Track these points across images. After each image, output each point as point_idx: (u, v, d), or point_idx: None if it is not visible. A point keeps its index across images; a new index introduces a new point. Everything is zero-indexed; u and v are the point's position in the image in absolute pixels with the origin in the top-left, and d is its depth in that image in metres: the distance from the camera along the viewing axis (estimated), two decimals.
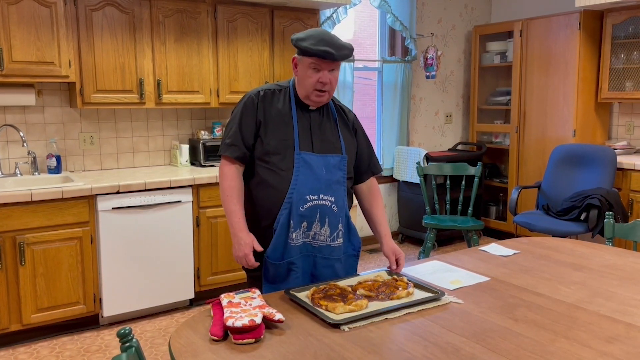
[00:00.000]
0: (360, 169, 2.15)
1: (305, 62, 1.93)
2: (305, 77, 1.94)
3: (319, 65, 1.91)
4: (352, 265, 2.10)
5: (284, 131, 1.96)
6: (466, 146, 5.76)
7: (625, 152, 4.57)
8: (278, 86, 2.06)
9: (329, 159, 1.98)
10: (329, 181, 1.97)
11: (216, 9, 3.88)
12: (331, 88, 1.96)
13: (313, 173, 1.94)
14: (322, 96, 1.96)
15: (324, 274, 2.00)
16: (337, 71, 1.97)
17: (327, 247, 1.99)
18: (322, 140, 2.01)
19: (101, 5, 3.47)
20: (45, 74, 3.33)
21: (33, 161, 3.59)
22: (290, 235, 1.93)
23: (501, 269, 2.07)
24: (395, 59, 5.19)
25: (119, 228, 3.36)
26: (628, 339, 1.48)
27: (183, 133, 4.20)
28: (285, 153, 1.94)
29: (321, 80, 1.92)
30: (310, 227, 1.95)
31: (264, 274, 1.97)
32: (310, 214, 1.93)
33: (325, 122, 2.04)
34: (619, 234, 2.58)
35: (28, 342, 3.24)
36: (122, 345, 1.22)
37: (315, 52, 1.87)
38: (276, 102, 2.01)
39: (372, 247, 5.28)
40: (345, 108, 2.15)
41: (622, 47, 4.53)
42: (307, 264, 1.99)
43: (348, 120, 2.12)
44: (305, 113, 2.02)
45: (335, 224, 1.98)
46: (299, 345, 1.44)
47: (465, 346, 1.43)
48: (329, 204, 1.96)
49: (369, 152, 2.18)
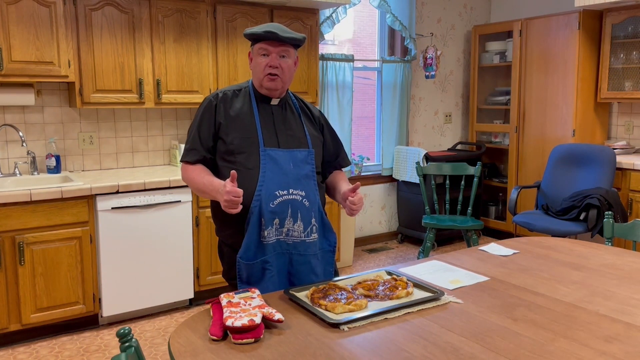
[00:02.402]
0: (328, 164, 2.17)
1: (255, 51, 1.98)
2: (256, 65, 1.98)
3: (267, 50, 1.94)
4: (329, 261, 2.07)
5: (247, 129, 1.96)
6: (465, 146, 5.76)
7: (625, 152, 4.57)
8: (237, 87, 2.08)
9: (296, 154, 1.98)
10: (298, 175, 1.96)
11: (215, 8, 3.88)
12: (283, 74, 1.97)
13: (280, 168, 1.93)
14: (274, 80, 1.96)
15: (300, 271, 1.98)
16: (290, 59, 1.98)
17: (302, 243, 1.96)
18: (287, 135, 2.01)
19: (100, 5, 3.47)
20: (45, 74, 3.33)
21: (32, 161, 3.59)
22: (262, 234, 1.90)
23: (500, 269, 2.07)
24: (394, 59, 5.19)
25: (118, 228, 3.36)
26: (627, 339, 1.48)
27: (182, 133, 4.20)
28: (250, 151, 1.94)
29: (270, 64, 1.94)
30: (282, 224, 1.92)
31: (237, 275, 1.94)
32: (281, 209, 1.91)
33: (289, 117, 2.05)
34: (618, 233, 2.58)
35: (27, 342, 3.24)
36: (121, 345, 1.22)
37: (260, 34, 1.92)
38: (236, 102, 2.02)
39: (371, 247, 5.28)
40: (310, 105, 2.17)
41: (621, 47, 4.53)
42: (282, 262, 1.96)
43: (313, 116, 2.14)
44: (267, 108, 2.02)
45: (308, 218, 1.96)
46: (299, 345, 1.44)
47: (465, 346, 1.43)
48: (300, 198, 1.94)
49: (337, 148, 2.19)
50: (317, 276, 2.00)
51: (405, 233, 5.40)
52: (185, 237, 3.61)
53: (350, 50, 5.15)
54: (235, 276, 1.97)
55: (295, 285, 1.96)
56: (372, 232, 5.38)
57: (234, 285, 1.99)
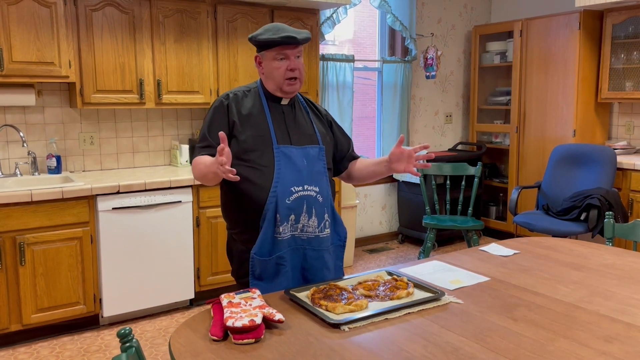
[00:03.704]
0: (342, 157, 2.19)
1: (269, 56, 1.98)
2: (273, 70, 1.98)
3: (285, 54, 1.95)
4: (339, 255, 2.11)
5: (259, 127, 1.98)
6: (466, 146, 5.76)
7: (625, 152, 4.57)
8: (246, 88, 2.09)
9: (309, 150, 2.00)
10: (311, 172, 1.98)
11: (216, 9, 3.88)
12: (300, 75, 2.00)
13: (294, 165, 1.95)
14: (294, 84, 1.99)
15: (314, 266, 2.00)
16: (302, 58, 2.02)
17: (316, 239, 1.98)
18: (298, 132, 2.03)
19: (101, 6, 3.47)
20: (45, 74, 3.33)
21: (33, 161, 3.59)
22: (277, 230, 1.92)
23: (501, 269, 2.07)
24: (395, 59, 5.19)
25: (119, 228, 3.36)
26: (627, 339, 1.48)
27: (183, 133, 4.20)
28: (263, 149, 1.95)
29: (290, 67, 1.96)
30: (298, 220, 1.94)
31: (250, 272, 1.95)
32: (296, 205, 1.93)
33: (298, 116, 2.08)
34: (618, 233, 2.58)
35: (28, 342, 3.24)
36: (122, 345, 1.22)
37: (279, 40, 1.92)
38: (247, 102, 2.03)
39: (372, 247, 5.28)
40: (316, 103, 2.20)
41: (622, 47, 4.53)
42: (297, 257, 1.98)
43: (320, 114, 2.17)
44: (278, 108, 2.05)
45: (322, 214, 1.99)
46: (299, 345, 1.44)
47: (465, 346, 1.43)
48: (314, 194, 1.97)
49: (348, 141, 2.23)
50: (329, 270, 2.03)
51: (405, 233, 5.40)
52: (185, 238, 3.61)
53: (351, 50, 5.15)
54: (245, 274, 1.99)
55: (309, 281, 1.99)
56: (373, 233, 5.38)
57: (244, 284, 2.00)
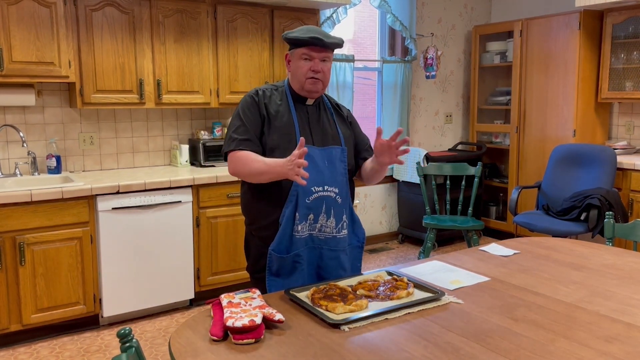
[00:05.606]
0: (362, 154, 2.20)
1: (296, 55, 2.00)
2: (297, 68, 2.01)
3: (310, 55, 1.97)
4: (357, 256, 2.13)
5: (285, 127, 2.00)
6: (466, 146, 5.76)
7: (625, 152, 4.57)
8: (274, 86, 2.12)
9: (331, 151, 2.03)
10: (332, 173, 2.01)
11: (216, 9, 3.88)
12: (324, 78, 2.01)
13: (316, 165, 1.97)
14: (316, 84, 2.00)
15: (329, 265, 2.02)
16: (329, 63, 2.03)
17: (333, 239, 2.01)
18: (321, 133, 2.05)
19: (101, 6, 3.47)
20: (45, 74, 3.33)
21: (33, 161, 3.59)
22: (296, 228, 1.95)
23: (501, 269, 2.07)
24: (395, 59, 5.19)
25: (119, 228, 3.36)
26: (627, 339, 1.48)
27: (183, 133, 4.20)
28: (287, 147, 1.97)
29: (313, 68, 1.98)
30: (316, 219, 1.97)
31: (267, 267, 1.99)
32: (316, 205, 1.96)
33: (323, 116, 2.10)
34: (619, 233, 2.58)
35: (28, 342, 3.24)
36: (122, 345, 1.22)
37: (305, 40, 1.95)
38: (274, 99, 2.06)
39: (372, 247, 5.28)
40: (339, 104, 2.23)
41: (622, 47, 4.53)
42: (313, 256, 2.01)
43: (343, 115, 2.19)
44: (303, 108, 2.07)
45: (340, 215, 2.02)
46: (299, 345, 1.44)
47: (465, 346, 1.43)
48: (334, 195, 1.99)
49: (366, 139, 2.26)
50: (345, 271, 2.06)
51: (405, 233, 5.40)
52: (185, 238, 3.61)
53: (351, 50, 5.15)
54: (260, 269, 2.02)
55: (324, 279, 2.01)
56: (373, 233, 5.38)
57: (259, 280, 2.03)
